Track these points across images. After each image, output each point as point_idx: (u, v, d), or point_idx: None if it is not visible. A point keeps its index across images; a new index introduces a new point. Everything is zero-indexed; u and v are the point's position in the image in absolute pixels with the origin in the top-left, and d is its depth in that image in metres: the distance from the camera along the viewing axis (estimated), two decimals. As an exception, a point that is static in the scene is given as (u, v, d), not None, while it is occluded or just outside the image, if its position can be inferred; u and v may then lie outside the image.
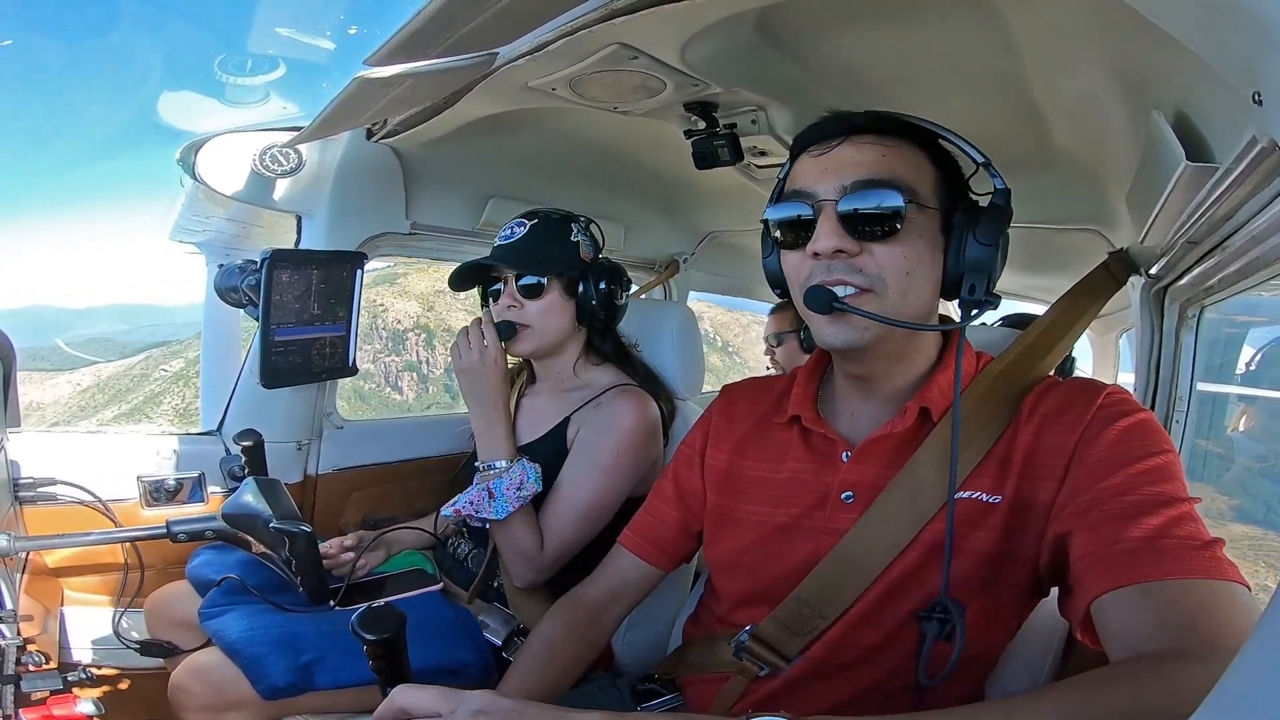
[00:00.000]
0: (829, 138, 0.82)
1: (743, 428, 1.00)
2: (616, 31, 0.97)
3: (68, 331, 26.78)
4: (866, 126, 0.81)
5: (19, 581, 1.27)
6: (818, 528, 0.87)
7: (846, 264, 0.79)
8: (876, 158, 0.79)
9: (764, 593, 0.90)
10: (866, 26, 1.02)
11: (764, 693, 0.89)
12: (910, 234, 0.79)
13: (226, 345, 2.00)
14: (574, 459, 1.33)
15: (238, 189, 1.44)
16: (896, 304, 0.79)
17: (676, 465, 1.07)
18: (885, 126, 0.82)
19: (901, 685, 0.82)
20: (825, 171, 0.81)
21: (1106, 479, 0.71)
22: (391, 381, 25.83)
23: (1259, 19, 0.40)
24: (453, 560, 1.44)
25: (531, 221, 1.37)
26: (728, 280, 2.97)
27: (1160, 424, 0.78)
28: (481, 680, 1.26)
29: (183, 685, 1.14)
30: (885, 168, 0.79)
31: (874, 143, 0.80)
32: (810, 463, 0.90)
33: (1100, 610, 0.65)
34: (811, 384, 0.96)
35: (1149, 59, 0.81)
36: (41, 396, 21.69)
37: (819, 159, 0.82)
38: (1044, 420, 0.79)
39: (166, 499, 1.51)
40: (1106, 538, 0.67)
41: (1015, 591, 0.80)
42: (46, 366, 22.56)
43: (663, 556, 1.05)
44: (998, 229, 0.80)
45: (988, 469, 0.80)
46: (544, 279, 1.35)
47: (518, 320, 1.37)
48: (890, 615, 0.82)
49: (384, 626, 0.67)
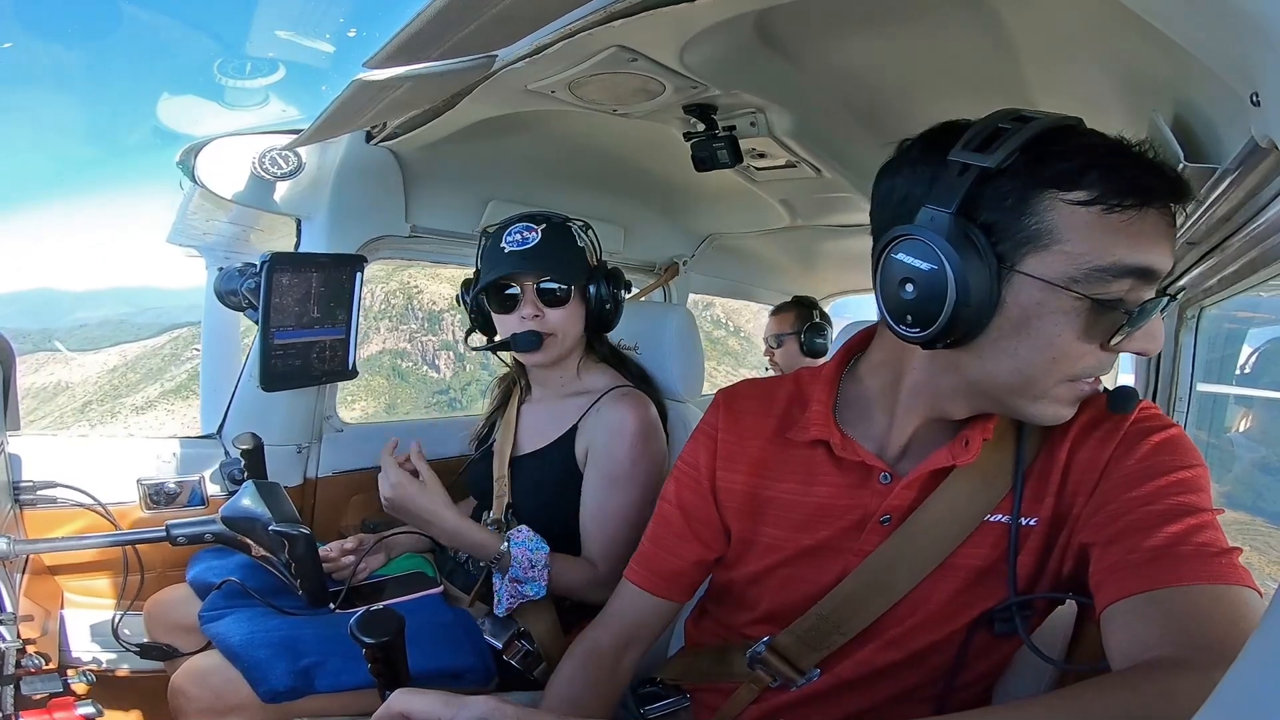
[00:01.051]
0: (1155, 195, 0.66)
1: (756, 445, 0.91)
2: (615, 34, 0.97)
3: (70, 315, 26.78)
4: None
5: (19, 584, 1.27)
6: (852, 549, 0.83)
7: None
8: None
9: (787, 610, 0.87)
10: (866, 29, 1.02)
11: (774, 704, 0.88)
12: None
13: (226, 348, 2.00)
14: (593, 478, 1.32)
15: (237, 192, 1.44)
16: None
17: (680, 490, 0.97)
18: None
19: (912, 703, 0.82)
20: (1159, 242, 0.67)
21: (1133, 490, 0.70)
22: (429, 360, 26.11)
23: (1257, 20, 0.40)
24: (453, 563, 1.43)
25: (541, 226, 1.33)
26: (727, 283, 2.97)
27: (1190, 440, 0.76)
28: (482, 684, 1.26)
29: (182, 688, 1.13)
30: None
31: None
32: (843, 486, 0.85)
33: (1107, 620, 0.65)
34: (830, 398, 0.88)
35: (1147, 61, 0.81)
36: (70, 377, 21.66)
37: (1149, 218, 0.66)
38: (1078, 437, 0.77)
39: (166, 502, 1.51)
40: (1124, 547, 0.67)
41: (1039, 607, 0.80)
42: (69, 347, 22.52)
43: (678, 589, 0.97)
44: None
45: (1026, 491, 0.78)
46: (569, 285, 1.33)
47: (542, 329, 1.33)
48: (912, 636, 0.80)
49: (383, 630, 0.67)
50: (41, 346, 21.50)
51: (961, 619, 0.80)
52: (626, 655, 0.97)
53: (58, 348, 22.63)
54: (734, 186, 1.78)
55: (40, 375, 21.13)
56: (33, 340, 22.00)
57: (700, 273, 2.62)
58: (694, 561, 0.96)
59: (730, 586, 0.95)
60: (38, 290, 48.79)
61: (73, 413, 20.19)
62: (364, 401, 22.03)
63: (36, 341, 21.97)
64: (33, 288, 63.10)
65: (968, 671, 0.83)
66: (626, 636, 0.97)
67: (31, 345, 21.57)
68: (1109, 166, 0.64)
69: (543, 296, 1.32)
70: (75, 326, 24.98)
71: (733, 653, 0.93)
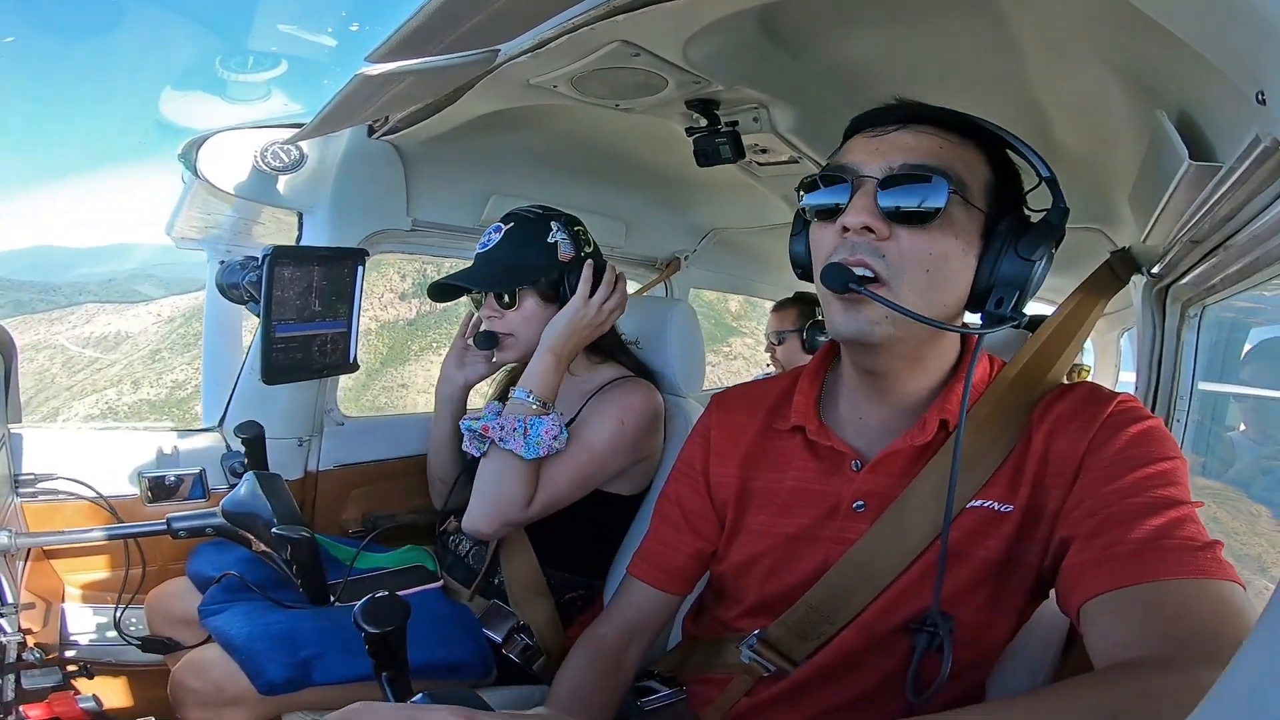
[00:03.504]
0: (888, 122, 0.79)
1: (746, 439, 0.97)
2: (618, 29, 0.97)
3: (75, 270, 26.81)
4: (929, 117, 0.78)
5: (20, 577, 1.28)
6: (829, 537, 0.86)
7: (871, 246, 0.75)
8: (933, 146, 0.76)
9: (773, 601, 0.89)
10: (869, 24, 1.01)
11: (768, 694, 0.89)
12: (945, 228, 0.75)
13: (228, 341, 2.00)
14: (580, 428, 1.33)
15: (239, 185, 1.44)
16: (911, 301, 0.75)
17: (678, 487, 1.03)
18: (949, 121, 0.79)
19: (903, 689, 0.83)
20: (875, 152, 0.78)
21: (1111, 483, 0.71)
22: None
23: (1262, 18, 0.40)
24: (454, 557, 1.44)
25: (507, 226, 1.35)
26: (729, 278, 2.97)
27: (1168, 430, 0.77)
28: (481, 678, 1.26)
29: (183, 681, 1.14)
30: (939, 157, 0.76)
31: (933, 133, 0.77)
32: (816, 472, 0.89)
33: (1086, 616, 0.65)
34: (814, 389, 0.93)
35: (1152, 58, 0.81)
36: (126, 326, 21.74)
37: (872, 139, 0.79)
38: (1055, 427, 0.79)
39: (167, 495, 1.51)
40: (1103, 541, 0.67)
41: (1018, 596, 0.80)
42: (115, 299, 22.51)
43: (679, 582, 1.01)
44: (1043, 247, 0.77)
45: (1001, 478, 0.80)
46: (513, 289, 1.34)
47: (500, 330, 1.37)
48: (899, 622, 0.81)
49: (388, 619, 0.67)
50: (76, 299, 21.51)
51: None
52: (630, 649, 1.00)
53: (111, 299, 22.56)
54: (736, 181, 1.77)
55: (94, 326, 21.27)
56: (64, 294, 22.01)
57: (702, 268, 2.61)
58: (691, 554, 1.00)
59: (722, 579, 0.98)
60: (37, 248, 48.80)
61: (141, 361, 20.35)
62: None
63: (70, 296, 22.04)
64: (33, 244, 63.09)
65: (958, 660, 0.83)
66: (630, 630, 1.00)
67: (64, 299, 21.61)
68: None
69: (498, 299, 1.36)
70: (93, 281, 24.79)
71: (727, 645, 0.94)
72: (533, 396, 1.27)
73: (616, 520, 1.42)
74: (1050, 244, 0.77)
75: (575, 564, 1.40)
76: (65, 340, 19.62)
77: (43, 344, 21.03)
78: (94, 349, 19.47)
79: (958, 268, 0.77)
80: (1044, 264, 0.78)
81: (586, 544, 1.40)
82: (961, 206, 0.76)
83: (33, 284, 22.68)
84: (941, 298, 0.78)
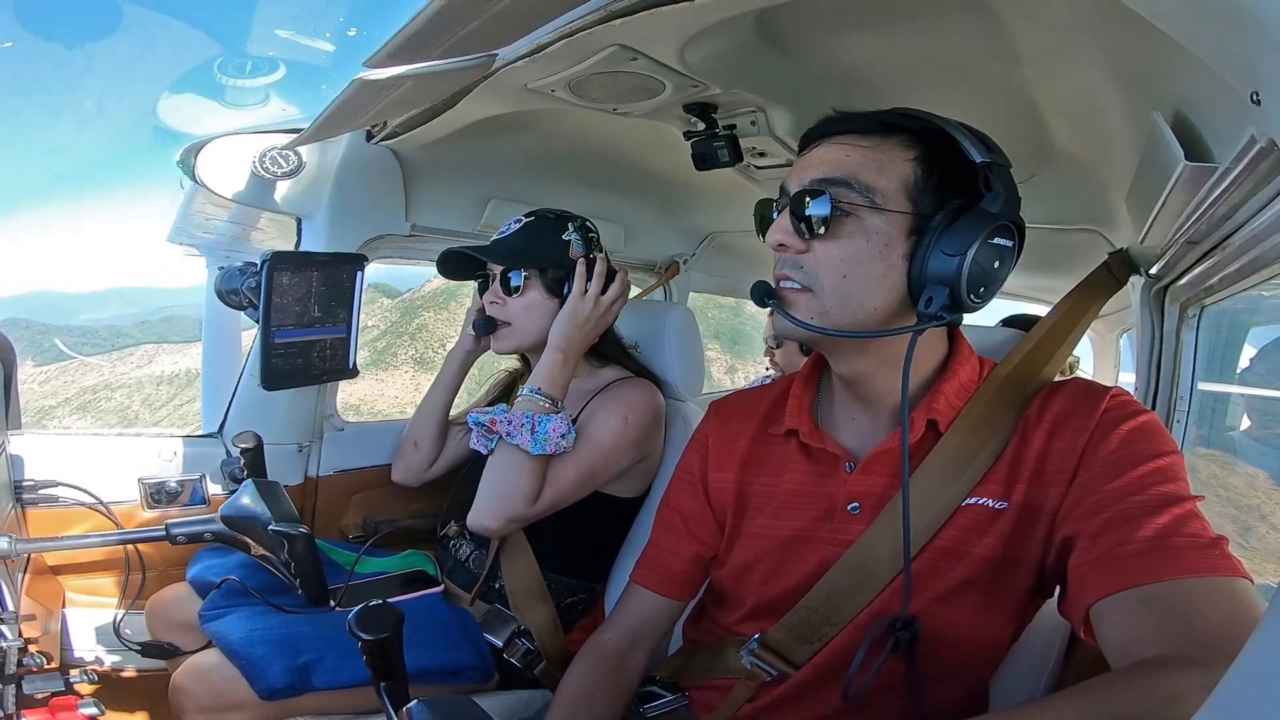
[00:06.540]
0: (811, 139, 0.84)
1: (743, 445, 0.98)
2: (616, 33, 0.97)
3: (77, 316, 26.96)
4: (847, 128, 0.81)
5: (20, 583, 1.27)
6: (825, 539, 0.87)
7: (793, 259, 0.81)
8: (839, 157, 0.79)
9: (773, 604, 0.90)
10: (866, 27, 1.02)
11: (770, 698, 0.89)
12: (855, 234, 0.77)
13: (227, 347, 2.00)
14: (584, 426, 1.33)
15: (237, 191, 1.44)
16: (835, 306, 0.78)
17: (678, 494, 1.04)
18: (866, 126, 0.80)
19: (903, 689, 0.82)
20: (797, 170, 0.83)
21: (1112, 481, 0.71)
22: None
23: (1258, 19, 0.40)
24: (454, 561, 1.44)
25: (528, 219, 1.39)
26: (728, 281, 2.97)
27: (1163, 425, 0.78)
28: (481, 682, 1.26)
29: (183, 686, 1.14)
30: (843, 167, 0.78)
31: (845, 143, 0.80)
32: (812, 474, 0.90)
33: (1099, 615, 0.65)
34: (807, 393, 0.95)
35: (1148, 59, 0.81)
36: (192, 365, 22.13)
37: (800, 158, 0.85)
38: (1053, 424, 0.79)
39: (167, 501, 1.51)
40: (1110, 540, 0.67)
41: (1018, 594, 0.80)
42: (150, 339, 22.87)
43: (681, 588, 1.02)
44: (969, 239, 0.74)
45: (996, 475, 0.80)
46: (523, 273, 1.36)
47: (498, 316, 1.39)
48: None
49: (380, 626, 0.67)
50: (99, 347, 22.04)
51: (938, 598, 0.81)
52: (633, 655, 1.01)
53: (59, 347, 22.84)
54: (734, 185, 1.77)
55: (157, 365, 21.60)
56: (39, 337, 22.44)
57: (701, 271, 2.61)
58: (691, 559, 1.01)
59: (722, 584, 0.98)
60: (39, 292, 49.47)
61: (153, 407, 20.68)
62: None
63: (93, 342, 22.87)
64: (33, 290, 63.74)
65: (956, 659, 0.83)
66: (633, 636, 1.02)
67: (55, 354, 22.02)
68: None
69: (504, 284, 1.38)
70: (85, 328, 25.08)
71: (728, 650, 0.94)
72: (542, 393, 1.27)
73: (616, 523, 1.42)
74: (984, 234, 0.74)
75: (575, 568, 1.40)
76: (140, 378, 19.91)
77: (116, 384, 21.25)
78: (168, 387, 19.71)
79: (878, 270, 0.77)
80: (982, 256, 0.75)
81: (587, 548, 1.40)
82: (870, 210, 0.77)
83: (66, 328, 23.12)
84: (867, 301, 0.78)
